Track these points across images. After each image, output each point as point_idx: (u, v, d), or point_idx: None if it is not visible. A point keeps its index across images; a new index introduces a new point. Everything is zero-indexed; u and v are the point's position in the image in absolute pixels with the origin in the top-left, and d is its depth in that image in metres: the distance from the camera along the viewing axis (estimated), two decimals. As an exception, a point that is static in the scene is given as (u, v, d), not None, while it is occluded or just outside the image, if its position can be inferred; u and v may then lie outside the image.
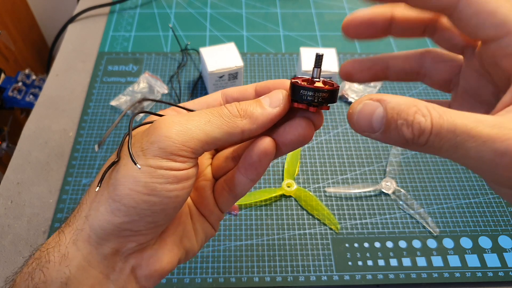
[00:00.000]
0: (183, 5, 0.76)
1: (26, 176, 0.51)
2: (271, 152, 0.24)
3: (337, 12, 0.75)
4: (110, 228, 0.21)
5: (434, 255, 0.45)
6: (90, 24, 0.72)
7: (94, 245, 0.22)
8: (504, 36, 0.18)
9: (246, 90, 0.26)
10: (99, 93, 0.60)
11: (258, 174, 0.25)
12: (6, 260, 0.44)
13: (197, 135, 0.21)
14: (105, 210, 0.21)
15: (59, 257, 0.21)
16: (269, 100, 0.23)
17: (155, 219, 0.22)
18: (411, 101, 0.18)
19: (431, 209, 0.49)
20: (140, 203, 0.21)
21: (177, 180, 0.21)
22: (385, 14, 0.22)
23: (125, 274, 0.23)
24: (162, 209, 0.22)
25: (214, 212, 0.27)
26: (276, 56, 0.66)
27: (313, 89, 0.22)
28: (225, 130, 0.22)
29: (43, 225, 0.47)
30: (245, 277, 0.44)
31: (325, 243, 0.46)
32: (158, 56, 0.66)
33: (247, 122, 0.23)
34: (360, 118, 0.19)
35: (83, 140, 0.55)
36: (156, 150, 0.21)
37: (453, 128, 0.17)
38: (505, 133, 0.16)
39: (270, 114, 0.23)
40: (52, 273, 0.21)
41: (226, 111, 0.23)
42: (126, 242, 0.22)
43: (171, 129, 0.21)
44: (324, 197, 0.50)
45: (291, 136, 0.24)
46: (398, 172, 0.52)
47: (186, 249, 0.26)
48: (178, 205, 0.23)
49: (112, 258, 0.23)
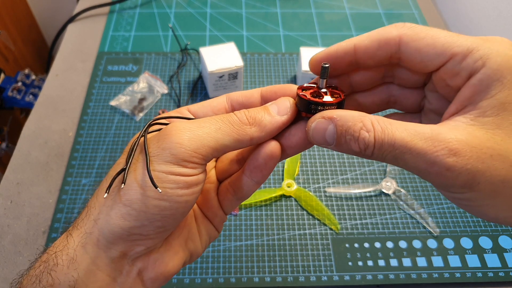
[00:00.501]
0: (183, 5, 0.76)
1: (25, 176, 0.51)
2: (277, 155, 0.24)
3: (337, 12, 0.75)
4: (119, 232, 0.22)
5: (435, 255, 0.45)
6: (89, 24, 0.72)
7: (102, 249, 0.22)
8: (448, 61, 0.21)
9: (252, 95, 0.26)
10: (98, 93, 0.60)
11: (263, 176, 0.25)
12: (6, 260, 0.44)
13: (208, 142, 0.22)
14: (115, 214, 0.22)
15: (67, 260, 0.22)
16: (276, 108, 0.24)
17: (164, 223, 0.22)
18: (359, 116, 0.20)
19: (431, 209, 0.49)
20: (150, 208, 0.21)
21: (187, 185, 0.22)
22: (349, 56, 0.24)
23: (131, 277, 0.23)
24: (172, 214, 0.22)
25: (218, 214, 0.28)
26: (276, 56, 0.66)
27: (322, 103, 0.23)
28: (235, 137, 0.23)
29: (43, 225, 0.47)
30: (245, 277, 0.43)
31: (325, 243, 0.46)
32: (158, 56, 0.66)
33: (256, 130, 0.23)
34: (314, 134, 0.22)
35: (82, 140, 0.55)
36: (168, 156, 0.21)
37: (393, 142, 0.19)
38: (435, 145, 0.18)
39: (278, 123, 0.24)
40: (60, 276, 0.21)
41: (235, 118, 0.23)
42: (134, 246, 0.23)
43: (183, 136, 0.21)
44: (324, 197, 0.50)
45: (297, 139, 0.24)
46: (399, 172, 0.52)
47: (191, 251, 0.27)
48: (187, 210, 0.23)
49: (120, 261, 0.23)
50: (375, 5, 0.77)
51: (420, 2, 0.78)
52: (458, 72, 0.21)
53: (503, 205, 0.19)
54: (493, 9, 0.67)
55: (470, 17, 0.73)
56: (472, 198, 0.19)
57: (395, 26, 0.22)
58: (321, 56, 0.24)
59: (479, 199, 0.19)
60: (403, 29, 0.22)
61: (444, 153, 0.18)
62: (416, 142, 0.19)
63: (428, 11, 0.76)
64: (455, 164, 0.18)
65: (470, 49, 0.20)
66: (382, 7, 0.76)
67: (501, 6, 0.65)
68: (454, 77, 0.21)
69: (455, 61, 0.21)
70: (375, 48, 0.23)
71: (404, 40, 0.22)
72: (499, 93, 0.19)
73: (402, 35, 0.22)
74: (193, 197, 0.23)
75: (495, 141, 0.19)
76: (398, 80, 0.25)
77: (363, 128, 0.20)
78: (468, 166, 0.18)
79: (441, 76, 0.22)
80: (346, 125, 0.21)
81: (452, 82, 0.21)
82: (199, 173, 0.23)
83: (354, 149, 0.20)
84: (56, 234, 0.46)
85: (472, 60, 0.20)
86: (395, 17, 0.75)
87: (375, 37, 0.22)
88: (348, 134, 0.20)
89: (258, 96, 0.26)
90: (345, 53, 0.23)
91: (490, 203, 0.19)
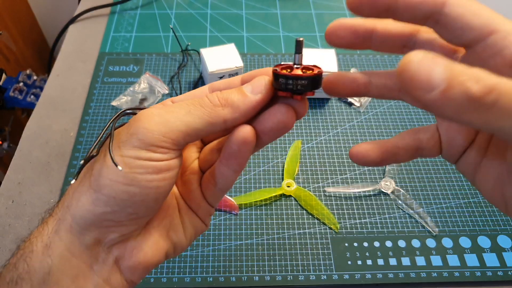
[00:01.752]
0: (183, 6, 0.76)
1: (27, 176, 0.51)
2: (250, 140, 0.23)
3: (336, 13, 0.76)
4: (91, 218, 0.22)
5: (433, 254, 0.46)
6: (91, 25, 0.72)
7: (76, 235, 0.22)
8: (489, 35, 0.19)
9: (232, 81, 0.25)
10: (100, 93, 0.61)
11: (239, 164, 0.24)
12: (7, 260, 0.44)
13: (177, 126, 0.21)
14: (86, 200, 0.22)
15: (41, 247, 0.22)
16: (251, 87, 0.23)
17: (136, 210, 0.22)
18: None
19: (430, 209, 0.49)
20: (119, 194, 0.21)
21: (157, 170, 0.21)
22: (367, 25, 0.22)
23: (108, 265, 0.23)
24: (142, 200, 0.22)
25: (202, 206, 0.27)
26: (276, 56, 0.67)
27: (291, 77, 0.21)
28: (206, 120, 0.22)
29: (44, 224, 0.47)
30: (245, 276, 0.44)
31: (324, 242, 0.46)
32: (159, 57, 0.66)
33: (229, 111, 0.22)
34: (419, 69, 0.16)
35: (84, 140, 0.55)
36: (135, 141, 0.21)
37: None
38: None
39: (252, 102, 0.22)
40: (35, 263, 0.21)
41: (206, 100, 0.22)
42: (108, 233, 0.22)
43: (151, 121, 0.21)
44: (324, 196, 0.50)
45: (271, 124, 0.23)
46: (397, 171, 0.53)
47: (174, 242, 0.26)
48: (160, 196, 0.22)
49: (95, 248, 0.23)
50: (375, 6, 0.77)
51: (419, 3, 0.78)
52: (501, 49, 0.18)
53: None
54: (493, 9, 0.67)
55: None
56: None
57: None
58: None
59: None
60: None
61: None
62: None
63: (428, 12, 0.76)
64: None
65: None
66: (382, 8, 0.77)
67: (501, 6, 0.65)
68: (493, 56, 0.19)
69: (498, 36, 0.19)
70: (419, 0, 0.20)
71: (450, 2, 0.19)
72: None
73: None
74: (164, 183, 0.22)
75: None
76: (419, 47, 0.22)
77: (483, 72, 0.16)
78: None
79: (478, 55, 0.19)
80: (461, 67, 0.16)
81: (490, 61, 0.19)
82: (171, 159, 0.22)
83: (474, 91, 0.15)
84: (58, 233, 0.46)
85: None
86: (394, 18, 0.75)
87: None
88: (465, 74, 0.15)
89: (239, 82, 0.25)
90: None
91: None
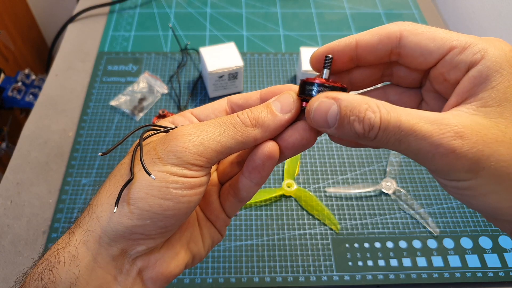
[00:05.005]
0: (183, 5, 0.76)
1: (25, 176, 0.51)
2: (274, 156, 0.24)
3: (337, 12, 0.75)
4: (122, 230, 0.22)
5: (435, 255, 0.45)
6: (89, 24, 0.72)
7: (104, 246, 0.22)
8: (446, 54, 0.21)
9: (250, 97, 0.26)
10: (98, 93, 0.60)
11: (262, 177, 0.25)
12: (6, 260, 0.44)
13: (213, 146, 0.22)
14: (119, 212, 0.22)
15: (69, 258, 0.22)
16: (279, 105, 0.24)
17: (166, 223, 0.23)
18: (363, 99, 0.20)
19: (431, 209, 0.49)
20: (153, 207, 0.22)
21: (191, 186, 0.22)
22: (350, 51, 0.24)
23: (131, 276, 0.24)
24: (174, 214, 0.22)
25: (220, 217, 0.28)
26: (276, 56, 0.66)
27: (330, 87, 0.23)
28: (239, 140, 0.23)
29: (43, 225, 0.47)
30: (245, 277, 0.43)
31: (325, 243, 0.46)
32: (158, 56, 0.66)
33: (259, 132, 0.23)
34: (316, 115, 0.21)
35: (82, 140, 0.54)
36: (173, 159, 0.22)
37: (398, 124, 0.19)
38: (441, 128, 0.19)
39: (281, 121, 0.24)
40: (61, 273, 0.21)
41: (238, 120, 0.23)
42: (136, 245, 0.23)
43: (188, 140, 0.22)
44: (324, 197, 0.50)
45: (294, 140, 0.24)
46: (399, 172, 0.52)
47: (193, 253, 0.27)
48: (189, 210, 0.23)
49: (120, 259, 0.23)
50: (375, 5, 0.77)
51: (420, 2, 0.78)
52: (456, 64, 0.21)
53: (506, 194, 0.19)
54: (493, 9, 0.67)
55: (470, 17, 0.73)
56: (474, 186, 0.19)
57: (395, 23, 0.23)
58: (324, 50, 0.24)
59: (481, 186, 0.19)
60: (403, 25, 0.22)
61: (450, 135, 0.18)
62: (422, 124, 0.19)
63: (428, 11, 0.76)
64: (461, 147, 0.18)
65: (468, 43, 0.21)
66: (382, 7, 0.76)
67: (501, 6, 0.65)
68: (452, 70, 0.21)
69: (454, 53, 0.21)
70: (376, 42, 0.23)
71: (405, 35, 0.22)
72: (499, 84, 0.19)
73: (402, 30, 0.22)
74: (195, 198, 0.23)
75: (499, 129, 0.19)
76: (396, 79, 0.26)
77: (369, 109, 0.20)
78: (473, 150, 0.18)
79: (439, 71, 0.22)
80: (351, 106, 0.20)
81: (450, 75, 0.21)
82: (203, 175, 0.23)
83: (358, 130, 0.20)
84: (56, 234, 0.46)
85: (471, 53, 0.20)
86: (395, 17, 0.75)
87: (376, 32, 0.23)
88: (352, 114, 0.20)
89: (257, 98, 0.26)
90: (347, 46, 0.24)
91: (493, 191, 0.19)
